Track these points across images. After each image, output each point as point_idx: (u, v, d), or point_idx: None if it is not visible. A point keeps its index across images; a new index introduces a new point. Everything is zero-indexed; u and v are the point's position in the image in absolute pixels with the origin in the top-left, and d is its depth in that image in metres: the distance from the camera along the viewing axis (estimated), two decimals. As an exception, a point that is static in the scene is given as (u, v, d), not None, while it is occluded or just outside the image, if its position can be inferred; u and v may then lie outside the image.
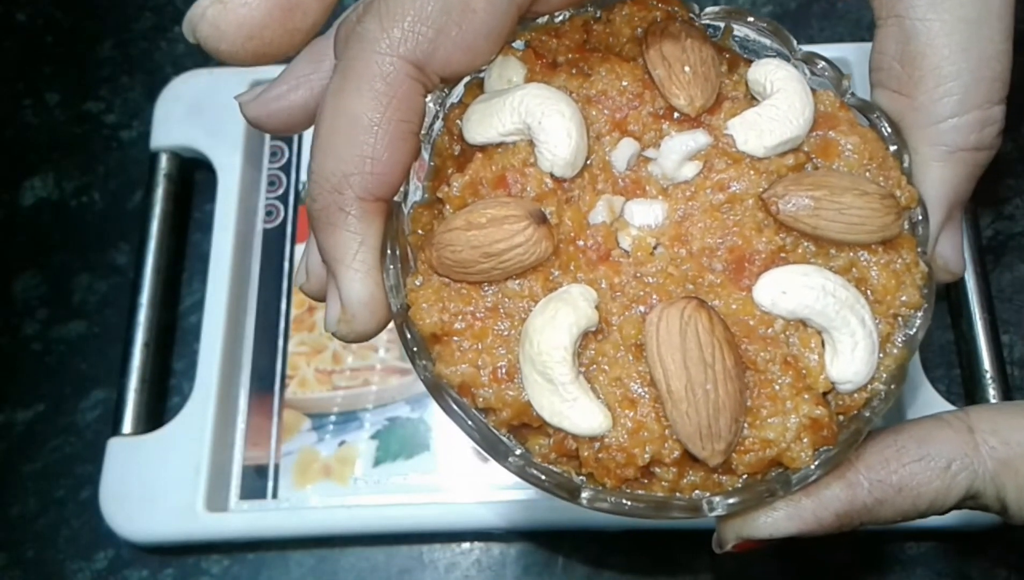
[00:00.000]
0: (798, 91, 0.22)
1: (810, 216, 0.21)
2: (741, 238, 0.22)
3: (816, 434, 0.21)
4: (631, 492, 0.21)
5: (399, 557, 0.47)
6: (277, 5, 0.19)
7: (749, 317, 0.21)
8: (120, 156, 0.57)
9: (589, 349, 0.21)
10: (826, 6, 0.59)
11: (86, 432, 0.50)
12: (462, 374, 0.21)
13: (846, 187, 0.21)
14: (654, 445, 0.21)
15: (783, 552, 0.46)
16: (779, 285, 0.21)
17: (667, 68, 0.22)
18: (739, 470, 0.21)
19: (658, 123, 0.23)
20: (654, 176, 0.23)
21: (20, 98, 0.58)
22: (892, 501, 0.22)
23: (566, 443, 0.21)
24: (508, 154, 0.22)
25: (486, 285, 0.22)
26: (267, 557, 0.47)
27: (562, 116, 0.22)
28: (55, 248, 0.54)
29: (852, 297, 0.21)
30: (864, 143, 0.22)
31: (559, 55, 0.24)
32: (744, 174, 0.22)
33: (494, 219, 0.21)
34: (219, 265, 0.50)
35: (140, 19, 0.60)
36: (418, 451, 0.48)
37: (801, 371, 0.21)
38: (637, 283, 0.22)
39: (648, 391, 0.21)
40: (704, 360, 0.20)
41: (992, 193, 0.53)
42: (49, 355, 0.52)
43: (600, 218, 0.22)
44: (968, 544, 0.46)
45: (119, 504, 0.46)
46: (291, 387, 0.49)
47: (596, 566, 0.46)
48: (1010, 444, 0.21)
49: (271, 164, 0.55)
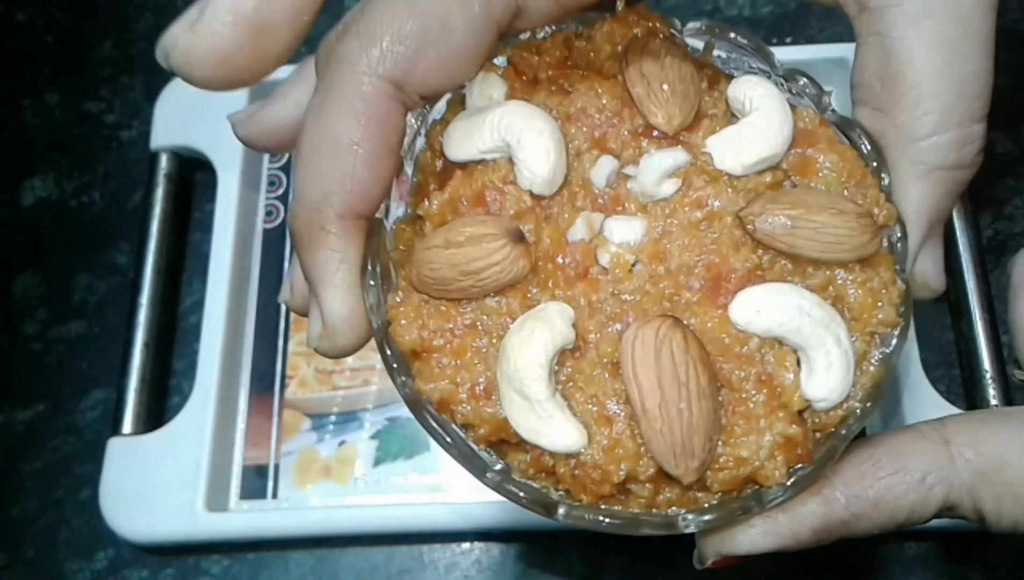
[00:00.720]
0: (777, 109, 0.22)
1: (787, 235, 0.21)
2: (718, 256, 0.22)
3: (790, 452, 0.21)
4: (607, 508, 0.21)
5: (399, 557, 0.47)
6: (247, 32, 0.19)
7: (725, 335, 0.21)
8: (120, 156, 0.57)
9: (566, 367, 0.21)
10: (824, 7, 0.59)
11: (86, 432, 0.50)
12: (441, 391, 0.22)
13: (823, 206, 0.21)
14: (629, 462, 0.21)
15: (780, 553, 0.46)
16: (754, 304, 0.21)
17: (646, 86, 0.22)
18: (714, 488, 0.21)
19: (637, 141, 0.23)
20: (633, 193, 0.23)
21: (20, 98, 0.58)
22: (869, 515, 0.22)
23: (544, 459, 0.21)
24: (488, 171, 0.22)
25: (465, 302, 0.22)
26: (267, 557, 0.47)
27: (540, 134, 0.22)
28: (55, 248, 0.54)
29: (828, 316, 0.21)
30: (843, 161, 0.22)
31: (540, 72, 0.24)
32: (722, 192, 0.22)
33: (472, 238, 0.21)
34: (219, 265, 0.50)
35: (140, 19, 0.60)
36: (418, 451, 0.48)
37: (776, 389, 0.21)
38: (615, 301, 0.22)
39: (624, 409, 0.21)
40: (678, 379, 0.20)
41: (992, 193, 0.53)
42: (49, 355, 0.52)
43: (579, 235, 0.22)
44: (968, 544, 0.46)
45: (119, 504, 0.45)
46: (291, 387, 0.49)
47: (596, 566, 0.46)
48: (985, 455, 0.21)
49: (271, 164, 0.55)
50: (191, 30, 0.19)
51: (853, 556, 0.46)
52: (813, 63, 0.54)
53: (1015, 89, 0.56)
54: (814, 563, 0.46)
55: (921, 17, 0.21)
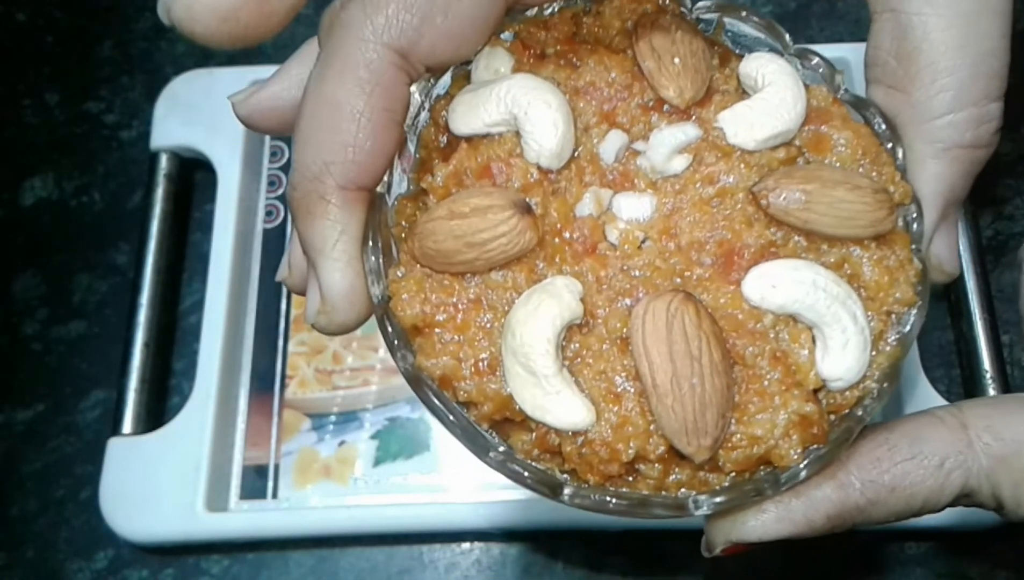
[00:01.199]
0: (790, 85, 0.22)
1: (801, 210, 0.21)
2: (731, 232, 0.21)
3: (806, 432, 0.20)
4: (615, 490, 0.21)
5: (399, 557, 0.47)
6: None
7: (738, 311, 0.21)
8: (120, 156, 0.57)
9: (573, 342, 0.21)
10: (826, 6, 0.59)
11: (86, 432, 0.50)
12: (443, 367, 0.21)
13: (838, 181, 0.21)
14: (639, 440, 0.20)
15: (782, 553, 0.46)
16: (768, 279, 0.21)
17: (656, 60, 0.22)
18: (726, 467, 0.20)
19: (647, 115, 0.22)
20: (643, 169, 0.22)
21: (20, 98, 0.58)
22: (885, 501, 0.21)
23: (548, 438, 0.21)
24: (494, 145, 0.22)
25: (469, 276, 0.21)
26: (267, 557, 0.47)
27: (549, 107, 0.21)
28: (55, 248, 0.54)
29: (844, 292, 0.20)
30: (857, 138, 0.22)
31: (547, 47, 0.23)
32: (734, 168, 0.22)
33: (477, 209, 0.20)
34: (219, 265, 0.50)
35: (140, 19, 0.60)
36: (418, 451, 0.48)
37: (791, 367, 0.21)
38: (624, 276, 0.21)
39: (633, 385, 0.20)
40: (691, 353, 0.19)
41: (992, 193, 0.53)
42: (49, 355, 0.52)
43: (587, 210, 0.22)
44: (968, 544, 0.46)
45: (119, 504, 0.45)
46: (291, 387, 0.49)
47: (596, 566, 0.46)
48: (1004, 440, 0.21)
49: (271, 164, 0.55)
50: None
51: (853, 555, 0.46)
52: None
53: (1015, 89, 0.56)
54: (814, 563, 0.46)
55: None
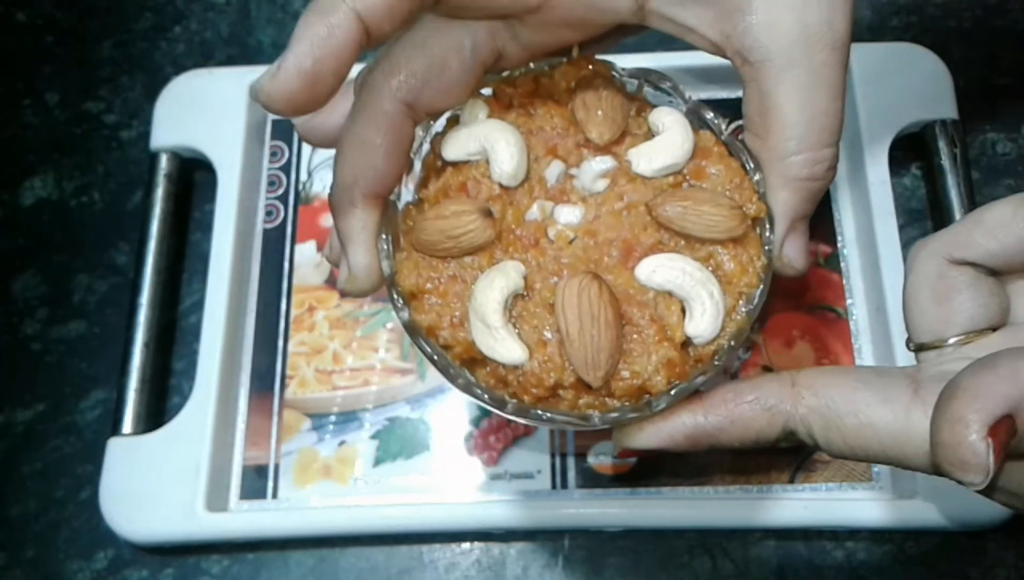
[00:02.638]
0: (681, 131, 0.31)
1: (679, 219, 0.29)
2: (631, 234, 0.30)
3: (671, 371, 0.28)
4: (543, 408, 0.29)
5: (399, 557, 0.47)
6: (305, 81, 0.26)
7: (630, 288, 0.29)
8: (120, 156, 0.57)
9: (517, 306, 0.29)
10: (826, 6, 0.59)
11: (86, 432, 0.50)
12: (429, 321, 0.29)
13: (705, 200, 0.29)
14: (557, 373, 0.28)
15: (781, 553, 0.46)
16: (653, 266, 0.29)
17: (586, 111, 0.31)
18: (616, 394, 0.28)
19: (579, 151, 0.31)
20: (575, 188, 0.31)
21: (20, 98, 0.59)
22: (727, 430, 0.29)
23: (498, 371, 0.29)
24: (471, 168, 0.31)
25: (449, 260, 0.30)
26: (267, 557, 0.47)
27: (509, 144, 0.30)
28: (55, 248, 0.54)
29: (705, 277, 0.29)
30: (728, 170, 0.30)
31: (513, 100, 0.32)
32: (638, 189, 0.30)
33: (455, 213, 0.29)
34: (219, 265, 0.50)
35: (140, 19, 0.60)
36: (418, 451, 0.48)
37: (664, 327, 0.29)
38: (555, 263, 0.30)
39: (555, 336, 0.28)
40: (592, 314, 0.28)
41: (992, 193, 0.53)
42: (49, 355, 0.52)
43: (534, 216, 0.30)
44: (968, 543, 0.46)
45: (119, 504, 0.46)
46: (291, 387, 0.49)
47: (596, 566, 0.46)
48: (818, 397, 0.28)
49: (271, 164, 0.55)
50: (271, 79, 0.26)
51: (852, 555, 0.46)
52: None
53: (1014, 90, 0.56)
54: (813, 562, 0.46)
55: (785, 70, 0.29)
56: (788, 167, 0.30)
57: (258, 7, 0.61)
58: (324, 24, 0.26)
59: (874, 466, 0.46)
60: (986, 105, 0.55)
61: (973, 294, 0.29)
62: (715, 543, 0.46)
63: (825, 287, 0.50)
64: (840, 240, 0.51)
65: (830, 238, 0.51)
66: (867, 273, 0.50)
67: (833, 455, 0.28)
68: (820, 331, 0.49)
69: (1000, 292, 0.29)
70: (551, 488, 0.47)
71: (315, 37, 0.26)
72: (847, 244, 0.51)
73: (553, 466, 0.47)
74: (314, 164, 0.55)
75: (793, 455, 0.47)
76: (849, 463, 0.46)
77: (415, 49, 0.30)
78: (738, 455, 0.47)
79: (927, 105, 0.52)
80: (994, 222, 0.28)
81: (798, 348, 0.49)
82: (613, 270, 0.29)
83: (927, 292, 0.29)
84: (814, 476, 0.46)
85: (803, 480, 0.46)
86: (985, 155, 0.54)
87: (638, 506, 0.46)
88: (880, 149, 0.51)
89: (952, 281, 0.29)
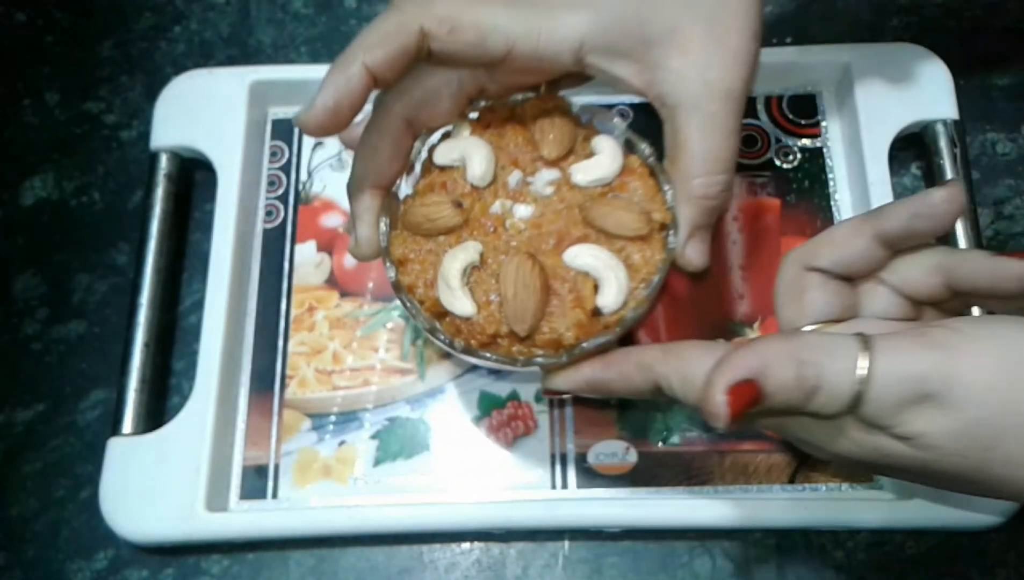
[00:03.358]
0: (612, 154, 0.39)
1: (601, 219, 0.38)
2: (565, 228, 0.38)
3: (580, 330, 0.37)
4: (484, 350, 0.37)
5: (399, 557, 0.47)
6: (329, 115, 0.35)
7: (559, 267, 0.38)
8: (120, 156, 0.57)
9: (473, 275, 0.38)
10: (826, 7, 0.59)
11: (86, 432, 0.50)
12: (410, 281, 0.38)
13: (621, 206, 0.38)
14: (495, 325, 0.37)
15: (781, 553, 0.46)
16: (576, 252, 0.37)
17: (541, 135, 0.40)
18: (538, 344, 0.37)
19: (535, 164, 0.40)
20: (530, 192, 0.39)
21: (20, 98, 0.59)
22: (615, 382, 0.36)
23: (455, 322, 0.37)
24: (453, 171, 0.40)
25: (427, 238, 0.39)
26: (267, 557, 0.47)
27: (481, 155, 0.39)
28: (55, 248, 0.54)
29: (616, 263, 0.37)
30: (645, 186, 0.39)
31: (491, 124, 0.40)
32: (575, 195, 0.39)
33: (435, 202, 0.39)
34: (219, 265, 0.50)
35: (140, 19, 0.60)
36: (418, 451, 0.48)
37: (580, 298, 0.37)
38: (507, 246, 0.38)
39: (497, 298, 0.37)
40: (524, 283, 0.36)
41: (992, 193, 0.53)
42: (49, 355, 0.52)
43: (496, 210, 0.39)
44: (968, 544, 0.46)
45: (119, 504, 0.46)
46: (291, 387, 0.49)
47: (597, 567, 0.46)
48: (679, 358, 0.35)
49: (271, 164, 0.55)
50: (305, 113, 0.35)
51: (852, 555, 0.46)
52: (812, 64, 0.54)
53: (1013, 90, 0.56)
54: (812, 562, 0.46)
55: (690, 114, 0.37)
56: (690, 187, 0.38)
57: (258, 7, 0.61)
58: (344, 75, 0.35)
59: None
60: (986, 105, 0.55)
61: (821, 293, 0.35)
62: (715, 543, 0.46)
63: (825, 287, 0.50)
64: (840, 240, 0.51)
65: (830, 238, 0.51)
66: (867, 273, 0.50)
67: (688, 405, 0.35)
68: (820, 331, 0.49)
69: (845, 292, 0.36)
70: (551, 488, 0.47)
71: (337, 83, 0.35)
72: (847, 244, 0.51)
73: (553, 466, 0.47)
74: (314, 164, 0.55)
75: (793, 456, 0.47)
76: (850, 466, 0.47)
77: (415, 81, 0.38)
78: (738, 455, 0.47)
79: (927, 105, 0.52)
80: (838, 238, 0.35)
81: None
82: (549, 254, 0.38)
83: (786, 291, 0.36)
84: (814, 476, 0.46)
85: (803, 480, 0.46)
86: (985, 155, 0.55)
87: (638, 506, 0.46)
88: (880, 149, 0.51)
89: (805, 283, 0.36)
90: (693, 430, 0.48)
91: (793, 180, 0.53)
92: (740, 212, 0.52)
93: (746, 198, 0.53)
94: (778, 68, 0.54)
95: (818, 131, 0.54)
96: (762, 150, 0.54)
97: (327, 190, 0.54)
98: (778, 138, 0.54)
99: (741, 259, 0.51)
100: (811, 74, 0.55)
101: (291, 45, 0.59)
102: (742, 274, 0.51)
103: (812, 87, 0.55)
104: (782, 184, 0.53)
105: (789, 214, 0.52)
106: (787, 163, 0.54)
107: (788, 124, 0.55)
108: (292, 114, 0.55)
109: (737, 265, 0.51)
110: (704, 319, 0.50)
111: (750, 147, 0.54)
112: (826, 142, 0.54)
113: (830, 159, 0.54)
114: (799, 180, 0.53)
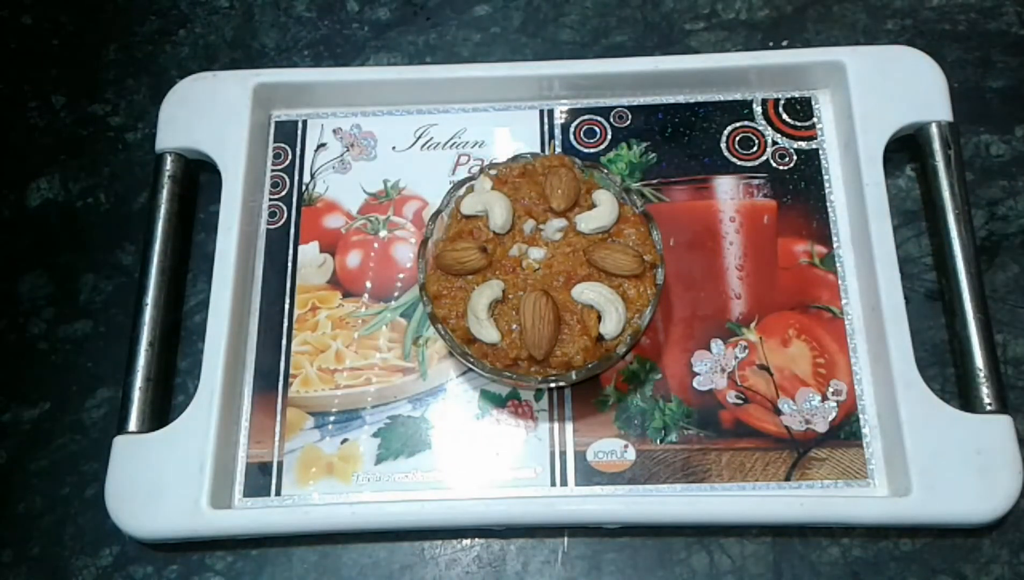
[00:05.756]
0: (610, 205, 0.47)
1: (602, 261, 0.45)
2: (573, 268, 0.46)
3: (587, 354, 0.44)
4: (509, 371, 0.44)
5: (401, 553, 0.47)
6: None
7: (568, 302, 0.45)
8: (125, 158, 0.57)
9: (497, 308, 0.45)
10: (822, 10, 0.59)
11: (92, 430, 0.50)
12: (443, 313, 0.45)
13: (618, 250, 0.46)
14: (516, 350, 0.44)
15: (777, 549, 0.46)
16: (583, 289, 0.45)
17: (551, 189, 0.47)
18: (552, 366, 0.44)
19: (546, 214, 0.47)
20: (542, 237, 0.47)
21: (26, 100, 0.59)
22: None
23: (483, 348, 0.45)
24: (477, 220, 0.47)
25: (457, 277, 0.46)
26: (271, 553, 0.47)
27: (501, 207, 0.47)
28: (61, 248, 0.55)
29: (615, 298, 0.45)
30: (637, 232, 0.46)
31: (508, 179, 0.48)
32: (580, 241, 0.46)
33: (463, 248, 0.46)
34: (223, 265, 0.50)
35: (145, 22, 0.61)
36: (419, 449, 0.48)
37: (587, 327, 0.44)
38: (524, 283, 0.46)
39: (517, 327, 0.44)
40: (540, 316, 0.44)
41: (986, 194, 0.54)
42: (55, 354, 0.52)
43: (514, 253, 0.47)
44: (963, 540, 0.46)
45: (124, 501, 0.46)
46: (294, 385, 0.50)
47: (596, 563, 0.47)
48: None
49: (274, 166, 0.55)
50: None
51: (848, 553, 0.46)
52: (808, 67, 0.55)
53: (1007, 92, 0.57)
54: (810, 561, 0.46)
55: None
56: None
57: (261, 11, 0.61)
58: None
59: (870, 464, 0.47)
60: (980, 107, 0.56)
61: None
62: (712, 539, 0.47)
63: (821, 287, 0.51)
64: (836, 241, 0.52)
65: (826, 239, 0.52)
66: (862, 273, 0.50)
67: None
68: (816, 330, 0.50)
69: None
70: (551, 485, 0.47)
71: None
72: (843, 245, 0.52)
73: (553, 463, 0.48)
74: (316, 166, 0.55)
75: (789, 453, 0.47)
76: (845, 461, 0.47)
77: None
78: (735, 453, 0.47)
79: (921, 107, 0.53)
80: None
81: (794, 347, 0.50)
82: (559, 290, 0.45)
83: None
84: (810, 473, 0.47)
85: (799, 477, 0.47)
86: (979, 156, 0.55)
87: (636, 503, 0.46)
88: (875, 151, 0.51)
89: None
90: (691, 428, 0.48)
91: (789, 182, 0.54)
92: (737, 213, 0.53)
93: (743, 200, 0.53)
94: (774, 71, 0.55)
95: (814, 133, 0.55)
96: (758, 152, 0.54)
97: (330, 192, 0.55)
98: (774, 140, 0.55)
99: (738, 260, 0.52)
100: (807, 77, 0.55)
101: (294, 48, 0.60)
102: (739, 275, 0.52)
103: (808, 89, 0.56)
104: (778, 186, 0.53)
105: (785, 215, 0.53)
106: (783, 165, 0.54)
107: (784, 126, 0.55)
108: (295, 116, 0.56)
109: (734, 266, 0.52)
110: (701, 319, 0.51)
111: (747, 149, 0.55)
112: (822, 144, 0.55)
113: (826, 161, 0.54)
114: (795, 182, 0.54)
